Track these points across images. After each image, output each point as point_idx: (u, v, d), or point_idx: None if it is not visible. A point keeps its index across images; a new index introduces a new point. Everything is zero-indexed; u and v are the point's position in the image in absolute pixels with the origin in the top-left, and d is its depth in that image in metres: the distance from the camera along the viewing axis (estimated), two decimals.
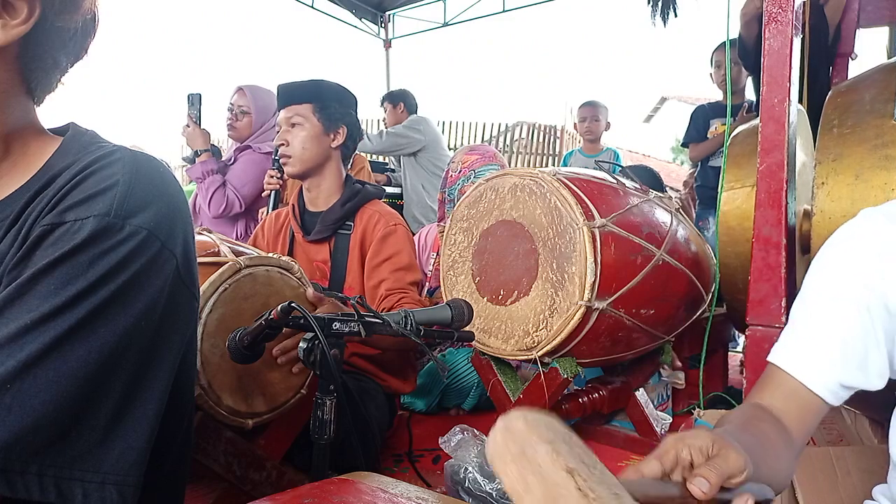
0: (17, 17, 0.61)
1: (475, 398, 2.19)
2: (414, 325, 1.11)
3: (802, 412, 0.74)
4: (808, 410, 0.74)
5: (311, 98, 1.75)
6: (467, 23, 6.03)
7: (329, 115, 1.75)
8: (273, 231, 1.89)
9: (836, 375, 0.73)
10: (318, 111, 1.74)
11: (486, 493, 1.33)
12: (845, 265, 0.76)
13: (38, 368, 0.54)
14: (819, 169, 1.32)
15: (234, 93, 2.61)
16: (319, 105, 1.74)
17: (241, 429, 1.22)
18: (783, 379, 0.75)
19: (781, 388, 0.75)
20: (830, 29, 2.38)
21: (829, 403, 0.74)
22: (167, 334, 0.64)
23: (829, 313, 0.75)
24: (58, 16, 0.64)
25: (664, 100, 20.28)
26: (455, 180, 2.42)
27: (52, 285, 0.56)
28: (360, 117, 1.88)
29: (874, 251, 0.74)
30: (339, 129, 1.76)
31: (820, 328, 0.75)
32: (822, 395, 0.73)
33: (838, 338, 0.73)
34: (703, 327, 1.84)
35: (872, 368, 0.73)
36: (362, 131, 1.89)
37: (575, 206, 1.47)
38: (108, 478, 0.57)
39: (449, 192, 2.45)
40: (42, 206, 0.60)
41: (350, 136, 1.79)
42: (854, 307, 0.73)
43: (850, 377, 0.73)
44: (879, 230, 0.75)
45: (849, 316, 0.73)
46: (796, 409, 0.74)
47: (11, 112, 0.66)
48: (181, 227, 0.66)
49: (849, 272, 0.75)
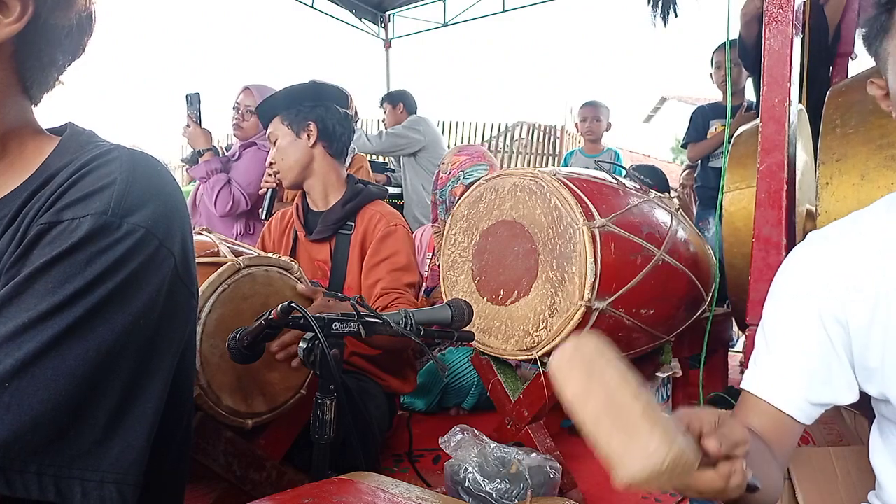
0: (10, 15, 0.61)
1: (475, 397, 2.19)
2: (414, 324, 1.11)
3: (778, 433, 0.77)
4: (783, 431, 0.77)
5: (276, 109, 1.77)
6: (467, 23, 6.03)
7: (294, 117, 1.75)
8: (278, 231, 1.90)
9: (803, 394, 0.76)
10: (285, 120, 1.76)
11: (486, 493, 1.33)
12: (795, 288, 0.79)
13: (37, 367, 0.54)
14: (823, 169, 1.31)
15: (240, 92, 2.61)
16: (284, 113, 1.76)
17: (241, 429, 1.22)
18: (755, 403, 0.78)
19: (755, 410, 0.78)
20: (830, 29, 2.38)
21: (802, 423, 0.77)
22: (165, 333, 0.64)
23: (788, 334, 0.78)
24: (51, 13, 0.63)
25: (664, 100, 20.27)
26: (445, 182, 2.42)
27: (49, 284, 0.56)
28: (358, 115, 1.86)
29: (819, 270, 0.77)
30: (308, 126, 1.75)
31: (782, 350, 0.78)
32: (793, 414, 0.76)
33: (800, 357, 0.76)
34: (703, 327, 1.84)
35: (838, 382, 0.76)
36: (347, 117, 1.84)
37: (575, 206, 1.47)
38: (107, 476, 0.57)
39: (440, 194, 2.45)
40: (39, 205, 0.60)
41: (325, 129, 1.76)
42: (810, 325, 0.76)
43: (816, 394, 0.76)
44: (822, 251, 0.79)
45: (807, 334, 0.76)
46: (772, 430, 0.76)
47: (8, 111, 0.65)
48: (179, 225, 0.65)
49: (799, 293, 0.78)
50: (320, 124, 1.76)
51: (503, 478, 1.34)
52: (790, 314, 0.79)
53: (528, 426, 1.63)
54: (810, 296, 0.77)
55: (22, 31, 0.62)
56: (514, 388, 1.73)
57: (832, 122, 1.34)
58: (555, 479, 1.39)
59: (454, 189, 2.38)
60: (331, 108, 1.79)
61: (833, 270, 0.76)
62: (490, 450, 1.41)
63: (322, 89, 1.80)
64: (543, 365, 1.59)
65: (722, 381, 2.38)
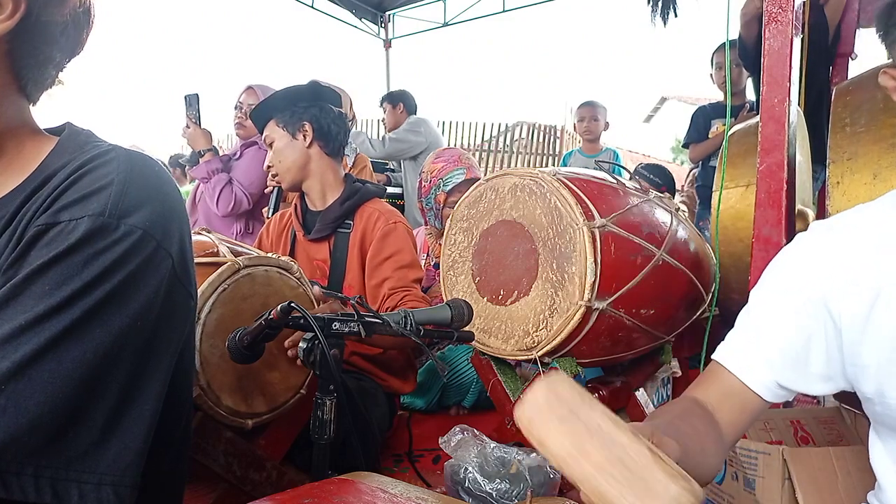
0: (2, 12, 0.60)
1: (475, 395, 2.19)
2: (414, 324, 1.11)
3: (737, 408, 0.77)
4: (744, 407, 0.77)
5: (270, 113, 1.78)
6: (467, 23, 6.04)
7: (288, 119, 1.75)
8: (277, 231, 1.90)
9: (773, 374, 0.76)
10: (280, 122, 1.76)
11: (486, 493, 1.33)
12: (789, 274, 0.79)
13: (34, 369, 0.53)
14: (833, 168, 1.30)
15: (242, 91, 2.61)
16: (279, 115, 1.76)
17: (241, 429, 1.22)
18: (723, 375, 0.78)
19: (719, 383, 0.78)
20: (830, 29, 2.38)
21: (767, 401, 0.77)
22: (163, 334, 0.64)
23: (771, 316, 0.78)
24: (44, 9, 0.63)
25: (664, 100, 20.27)
26: (428, 190, 2.42)
27: (46, 286, 0.56)
28: (358, 117, 1.86)
29: (816, 260, 0.76)
30: (303, 127, 1.75)
31: (761, 329, 0.78)
32: (758, 391, 0.76)
33: (778, 338, 0.76)
34: (703, 327, 1.84)
35: (813, 373, 0.76)
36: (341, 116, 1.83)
37: (575, 206, 1.47)
38: (104, 478, 0.57)
39: (426, 202, 2.45)
40: (37, 206, 0.60)
41: (320, 128, 1.76)
42: (796, 312, 0.76)
43: (787, 379, 0.76)
44: (821, 240, 0.78)
45: (791, 319, 0.76)
46: (731, 405, 0.77)
47: (5, 111, 0.65)
48: (177, 226, 0.65)
49: (792, 280, 0.78)
50: (315, 124, 1.76)
51: (503, 478, 1.34)
52: (778, 298, 0.78)
53: None
54: (803, 284, 0.76)
55: (15, 28, 0.61)
56: (514, 388, 1.72)
57: (841, 120, 1.33)
58: (555, 479, 1.39)
59: (437, 197, 2.39)
60: (325, 107, 1.79)
61: (831, 262, 0.75)
62: (490, 450, 1.41)
63: (311, 91, 1.81)
64: (544, 365, 1.59)
65: None
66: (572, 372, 1.58)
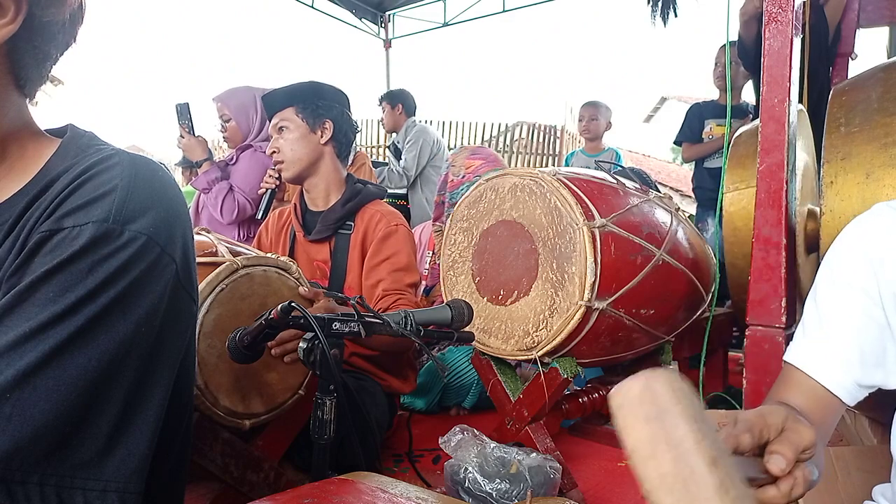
0: (4, 16, 0.60)
1: (475, 395, 2.19)
2: (414, 325, 1.11)
3: (823, 412, 0.73)
4: (828, 410, 0.74)
5: (291, 100, 1.76)
6: (467, 23, 6.04)
7: (311, 112, 1.75)
8: (275, 230, 1.89)
9: (853, 375, 0.72)
10: (300, 111, 1.75)
11: (486, 493, 1.33)
12: (854, 260, 0.75)
13: (38, 377, 0.53)
14: (827, 168, 1.31)
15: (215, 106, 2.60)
16: (301, 105, 1.75)
17: (239, 429, 1.22)
18: (801, 378, 0.75)
19: (801, 387, 0.75)
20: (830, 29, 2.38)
21: (846, 403, 0.73)
22: (167, 340, 0.63)
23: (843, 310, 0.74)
24: (45, 11, 0.63)
25: (664, 100, 20.27)
26: (457, 185, 2.39)
27: (50, 293, 0.55)
28: (358, 117, 1.87)
29: (882, 244, 0.73)
30: (325, 124, 1.76)
31: (834, 326, 0.74)
32: (839, 395, 0.73)
33: (854, 336, 0.72)
34: (703, 327, 1.84)
35: (892, 365, 0.72)
36: (355, 124, 1.86)
37: (575, 206, 1.47)
38: (109, 485, 0.56)
39: (451, 197, 2.40)
40: (40, 212, 0.59)
41: (339, 130, 1.78)
42: (866, 303, 0.72)
43: (867, 376, 0.72)
44: (887, 222, 0.74)
45: (862, 312, 0.72)
46: (817, 409, 0.73)
47: (6, 113, 0.65)
48: (180, 231, 0.65)
49: (858, 267, 0.74)
50: (336, 124, 1.77)
51: (503, 478, 1.34)
52: (846, 287, 0.74)
53: (528, 426, 1.63)
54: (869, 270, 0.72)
55: (16, 30, 0.61)
56: (514, 388, 1.72)
57: (836, 121, 1.34)
58: (555, 479, 1.39)
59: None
60: (345, 112, 1.81)
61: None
62: (490, 450, 1.40)
63: (333, 92, 1.82)
64: (544, 365, 1.58)
65: (722, 381, 2.38)
66: (572, 372, 1.58)
